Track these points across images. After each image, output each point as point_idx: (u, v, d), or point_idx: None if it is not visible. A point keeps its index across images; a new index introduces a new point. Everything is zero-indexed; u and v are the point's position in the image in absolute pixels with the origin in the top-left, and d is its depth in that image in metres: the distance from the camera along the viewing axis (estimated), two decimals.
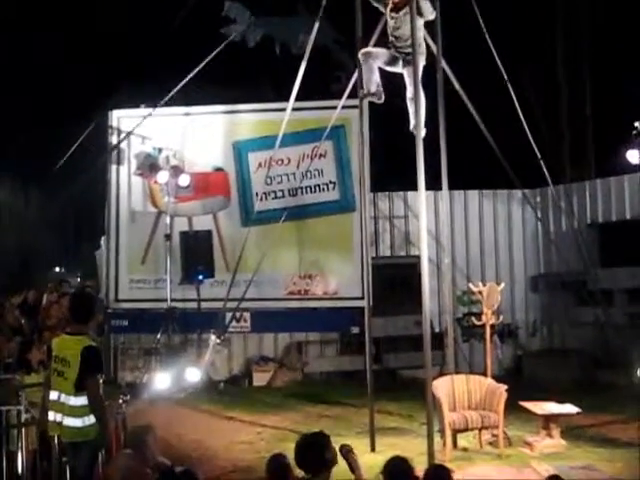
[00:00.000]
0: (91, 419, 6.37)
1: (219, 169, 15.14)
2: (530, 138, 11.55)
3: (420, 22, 9.36)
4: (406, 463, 5.52)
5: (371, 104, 11.94)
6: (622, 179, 14.42)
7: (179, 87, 12.90)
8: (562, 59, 17.15)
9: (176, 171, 14.55)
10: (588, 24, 17.12)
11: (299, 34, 15.95)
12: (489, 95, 12.43)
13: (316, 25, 10.78)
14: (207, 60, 12.55)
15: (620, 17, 16.25)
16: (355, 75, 10.39)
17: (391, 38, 9.59)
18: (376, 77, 9.75)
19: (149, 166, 14.99)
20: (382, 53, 9.70)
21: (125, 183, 15.34)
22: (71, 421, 6.42)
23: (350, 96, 11.17)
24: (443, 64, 10.27)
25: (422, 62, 9.49)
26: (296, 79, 10.94)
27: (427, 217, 9.42)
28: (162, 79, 14.27)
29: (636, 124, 12.04)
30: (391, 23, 9.56)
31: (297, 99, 11.27)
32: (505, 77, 11.08)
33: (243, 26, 17.27)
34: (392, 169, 14.62)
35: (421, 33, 9.49)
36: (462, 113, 11.27)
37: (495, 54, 10.76)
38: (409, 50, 9.26)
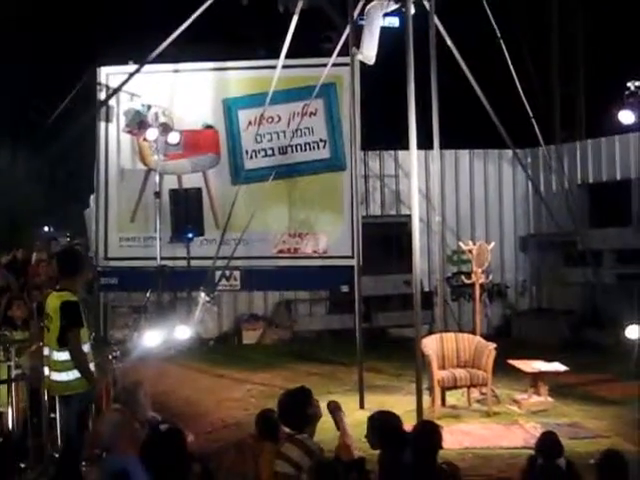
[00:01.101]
0: (76, 373, 6.40)
1: (209, 126, 15.00)
2: (522, 97, 11.52)
3: None
4: (393, 417, 5.54)
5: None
6: (613, 139, 14.38)
7: (167, 42, 12.54)
8: (556, 20, 16.98)
9: (165, 128, 14.42)
10: None
11: None
12: (482, 53, 12.33)
13: None
14: (196, 15, 12.17)
15: None
16: (346, 33, 10.27)
17: None
18: (376, 40, 9.60)
19: (138, 123, 14.83)
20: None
21: (114, 140, 15.19)
22: (57, 376, 6.50)
23: (341, 54, 11.07)
24: (436, 20, 10.16)
25: None
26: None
27: (418, 176, 9.37)
28: (152, 35, 14.01)
29: (629, 84, 12.02)
30: None
31: (288, 56, 11.15)
32: (498, 34, 11.01)
33: None
34: (383, 127, 14.51)
35: None
36: (454, 71, 11.21)
37: (488, 10, 10.67)
38: None
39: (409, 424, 6.05)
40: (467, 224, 15.50)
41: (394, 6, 9.51)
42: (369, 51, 9.56)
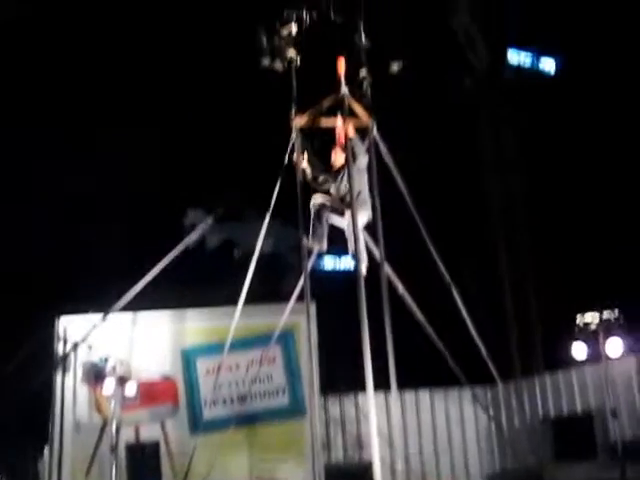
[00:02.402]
0: None
1: (167, 377, 14.91)
2: (476, 338, 11.71)
3: (361, 173, 9.80)
4: None
5: (320, 308, 12.14)
6: (570, 373, 14.55)
7: (134, 294, 12.54)
8: (505, 252, 17.71)
9: (122, 380, 14.24)
10: (525, 220, 17.86)
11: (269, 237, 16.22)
12: (434, 294, 12.67)
13: (263, 230, 11.02)
14: (162, 265, 12.30)
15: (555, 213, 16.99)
16: (301, 280, 10.55)
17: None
18: (325, 231, 9.95)
19: (95, 375, 14.65)
20: (332, 201, 9.99)
21: (70, 392, 14.94)
22: None
23: (298, 300, 11.30)
24: (387, 268, 10.52)
25: (367, 215, 9.79)
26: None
27: (378, 419, 9.29)
28: (111, 283, 14.24)
29: (578, 319, 12.39)
30: (338, 185, 9.96)
31: (246, 302, 11.34)
32: (448, 279, 11.38)
33: (203, 231, 17.54)
34: (343, 370, 14.57)
35: (365, 186, 9.84)
36: (409, 315, 11.47)
37: (437, 258, 11.09)
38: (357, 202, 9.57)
39: None
40: (432, 465, 15.20)
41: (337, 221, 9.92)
42: (319, 240, 9.92)
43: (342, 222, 9.98)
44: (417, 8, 17.11)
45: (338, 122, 10.05)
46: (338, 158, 10.06)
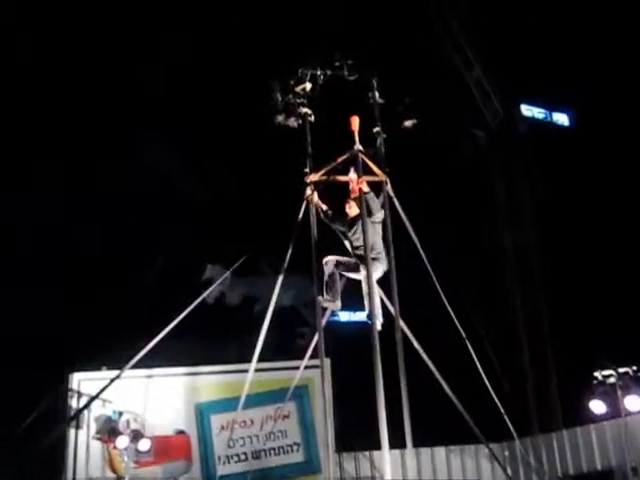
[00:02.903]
0: None
1: (181, 432, 14.85)
2: (493, 394, 11.58)
3: (376, 227, 9.82)
4: None
5: (335, 361, 12.05)
6: (588, 428, 14.32)
7: (147, 349, 12.39)
8: (520, 307, 17.60)
9: (136, 435, 14.20)
10: (541, 274, 17.79)
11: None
12: (449, 350, 12.58)
13: (278, 282, 10.99)
14: (177, 321, 12.21)
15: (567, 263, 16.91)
16: (316, 338, 10.50)
17: (353, 251, 9.98)
18: (339, 290, 9.93)
19: (109, 430, 14.61)
20: (345, 260, 9.98)
21: (83, 447, 14.88)
22: None
23: (313, 356, 11.24)
24: (402, 324, 10.48)
25: (381, 268, 9.75)
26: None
27: (394, 476, 9.16)
28: (125, 339, 14.21)
29: (596, 374, 12.24)
30: (351, 236, 9.98)
31: (260, 357, 11.30)
32: (463, 335, 11.31)
33: (223, 287, 17.56)
34: (358, 427, 14.40)
35: (378, 239, 9.85)
36: (424, 370, 11.37)
37: (452, 314, 11.04)
38: (372, 255, 9.56)
39: None
40: None
41: (352, 274, 9.93)
42: (333, 299, 9.87)
43: (357, 276, 10.00)
44: (430, 63, 17.32)
45: (351, 174, 10.12)
46: (352, 210, 10.12)
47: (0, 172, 15.89)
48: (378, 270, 9.85)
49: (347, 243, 10.14)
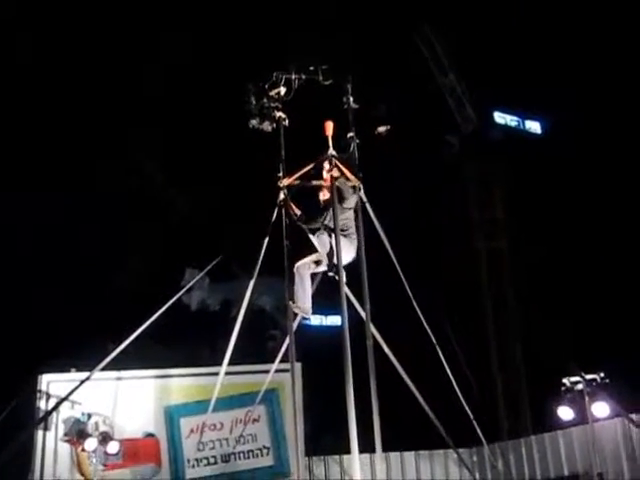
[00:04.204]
0: None
1: (150, 435, 14.75)
2: (462, 400, 11.63)
3: (348, 213, 9.81)
4: None
5: (306, 364, 12.01)
6: (556, 435, 14.44)
7: (117, 351, 12.33)
8: (491, 314, 17.72)
9: (105, 438, 14.09)
10: (512, 281, 17.92)
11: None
12: (420, 356, 12.61)
13: (250, 287, 10.95)
14: (146, 325, 12.15)
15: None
16: (286, 341, 10.48)
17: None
18: (309, 294, 9.90)
19: (77, 432, 14.49)
20: (314, 257, 9.94)
21: (51, 450, 14.73)
22: None
23: (284, 359, 11.21)
24: (372, 329, 10.47)
25: (352, 249, 9.71)
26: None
27: None
28: (94, 340, 14.13)
29: (564, 380, 12.34)
30: (327, 222, 9.87)
31: (232, 361, 11.25)
32: (434, 341, 11.34)
33: (202, 292, 17.58)
34: (328, 431, 14.42)
35: (350, 222, 9.82)
36: (395, 375, 11.38)
37: (424, 320, 11.06)
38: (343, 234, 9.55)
39: None
40: None
41: (321, 268, 9.90)
42: (304, 304, 9.81)
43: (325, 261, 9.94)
44: (405, 69, 17.41)
45: (325, 165, 10.11)
46: (326, 196, 10.11)
47: None
48: (349, 248, 9.78)
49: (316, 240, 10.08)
